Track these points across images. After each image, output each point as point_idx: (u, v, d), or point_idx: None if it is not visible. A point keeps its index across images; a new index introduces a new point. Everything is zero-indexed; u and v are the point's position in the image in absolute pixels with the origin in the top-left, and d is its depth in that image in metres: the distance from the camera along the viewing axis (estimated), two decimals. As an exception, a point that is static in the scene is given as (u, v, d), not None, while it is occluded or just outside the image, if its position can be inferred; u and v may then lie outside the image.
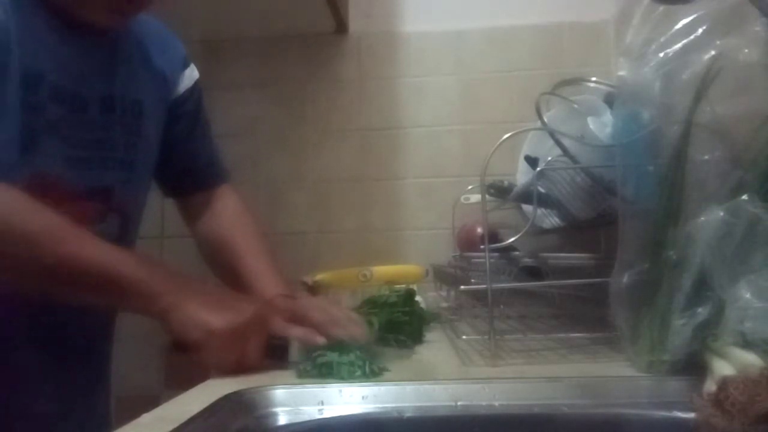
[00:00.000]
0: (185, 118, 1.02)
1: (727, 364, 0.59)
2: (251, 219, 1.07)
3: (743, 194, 0.64)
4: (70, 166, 0.82)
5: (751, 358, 0.58)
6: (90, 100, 0.84)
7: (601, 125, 0.93)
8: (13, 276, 0.73)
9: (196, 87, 1.03)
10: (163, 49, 0.97)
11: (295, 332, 0.80)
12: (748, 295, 0.61)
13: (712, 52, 0.69)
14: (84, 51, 0.83)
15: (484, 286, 0.83)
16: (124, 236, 0.92)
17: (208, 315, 0.75)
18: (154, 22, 0.98)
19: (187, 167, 1.05)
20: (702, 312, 0.63)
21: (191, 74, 1.02)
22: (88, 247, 0.74)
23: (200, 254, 1.08)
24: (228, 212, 1.06)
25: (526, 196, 1.13)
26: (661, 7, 0.72)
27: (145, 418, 0.58)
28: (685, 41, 0.70)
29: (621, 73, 0.76)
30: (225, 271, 1.03)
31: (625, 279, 0.71)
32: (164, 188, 1.06)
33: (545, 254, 1.14)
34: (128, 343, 1.34)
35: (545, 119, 0.95)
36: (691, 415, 0.59)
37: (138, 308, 0.76)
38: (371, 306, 0.98)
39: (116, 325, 1.00)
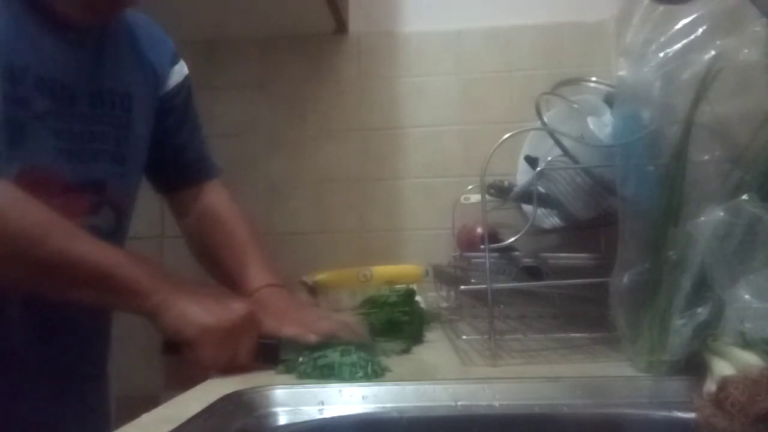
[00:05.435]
0: (174, 114, 1.02)
1: (727, 364, 0.59)
2: (241, 212, 1.07)
3: (743, 194, 0.64)
4: (61, 159, 0.82)
5: (751, 358, 0.58)
6: (78, 93, 0.83)
7: (601, 125, 0.92)
8: (5, 271, 0.72)
9: (185, 83, 1.03)
10: (152, 45, 0.97)
11: (288, 332, 0.81)
12: (747, 295, 0.61)
13: (712, 52, 0.69)
14: (69, 45, 0.83)
15: (484, 286, 0.83)
16: (118, 230, 0.92)
17: (201, 313, 0.75)
18: (144, 18, 0.98)
19: (176, 162, 1.05)
20: (702, 312, 0.63)
21: (181, 70, 1.02)
22: (80, 243, 0.73)
23: (189, 248, 1.08)
24: (217, 206, 1.06)
25: (526, 196, 1.13)
26: (661, 7, 0.72)
27: (145, 418, 0.58)
28: (685, 41, 0.70)
29: (621, 73, 0.76)
30: (213, 262, 1.03)
31: (625, 279, 0.71)
32: (154, 184, 1.06)
33: (545, 254, 1.14)
34: (128, 343, 1.34)
35: (545, 119, 0.95)
36: (691, 415, 0.59)
37: (130, 306, 0.76)
38: (371, 306, 0.98)
39: (117, 325, 1.00)
